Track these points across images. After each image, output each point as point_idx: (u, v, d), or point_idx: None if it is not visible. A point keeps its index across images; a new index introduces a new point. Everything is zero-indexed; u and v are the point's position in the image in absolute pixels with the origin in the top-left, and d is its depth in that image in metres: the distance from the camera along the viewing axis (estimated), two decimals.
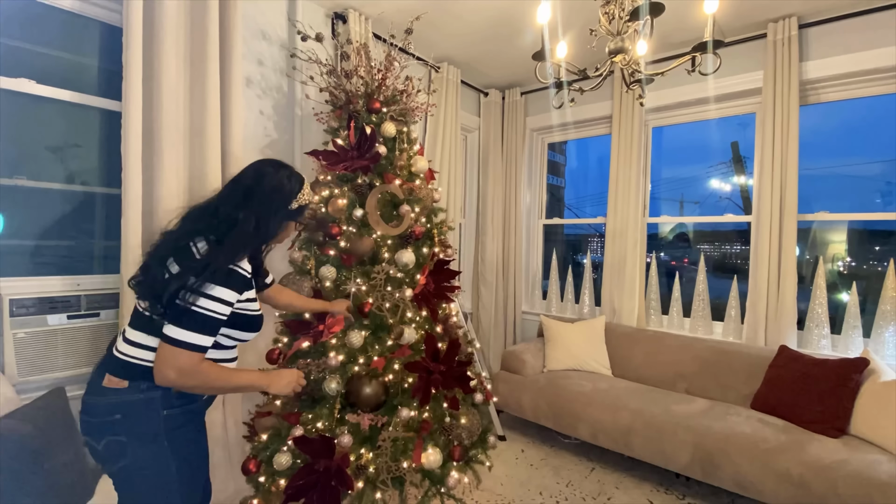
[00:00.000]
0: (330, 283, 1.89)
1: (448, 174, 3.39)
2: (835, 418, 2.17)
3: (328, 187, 2.00)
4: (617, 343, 3.19)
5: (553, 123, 3.84)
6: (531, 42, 3.00)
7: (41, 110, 1.87)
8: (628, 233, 3.27)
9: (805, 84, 2.67)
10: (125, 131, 1.81)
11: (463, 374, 1.89)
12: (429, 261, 2.00)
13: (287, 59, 2.51)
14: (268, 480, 1.75)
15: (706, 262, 3.11)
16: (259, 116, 2.41)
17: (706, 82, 2.96)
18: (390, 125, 2.05)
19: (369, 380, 1.75)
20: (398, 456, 1.73)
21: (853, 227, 2.86)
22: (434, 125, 3.29)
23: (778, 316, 2.67)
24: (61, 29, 1.92)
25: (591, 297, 3.69)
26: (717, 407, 2.51)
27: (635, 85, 1.77)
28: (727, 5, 2.52)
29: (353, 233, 1.93)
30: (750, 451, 2.13)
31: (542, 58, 1.70)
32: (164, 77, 1.89)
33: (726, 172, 3.39)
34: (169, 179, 1.92)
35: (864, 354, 2.29)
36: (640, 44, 1.57)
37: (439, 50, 3.18)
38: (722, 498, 2.43)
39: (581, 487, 2.52)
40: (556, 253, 3.95)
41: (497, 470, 2.68)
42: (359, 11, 2.64)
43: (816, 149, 2.82)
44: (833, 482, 1.90)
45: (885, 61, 2.44)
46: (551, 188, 4.24)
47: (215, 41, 2.05)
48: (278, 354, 1.88)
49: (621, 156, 3.31)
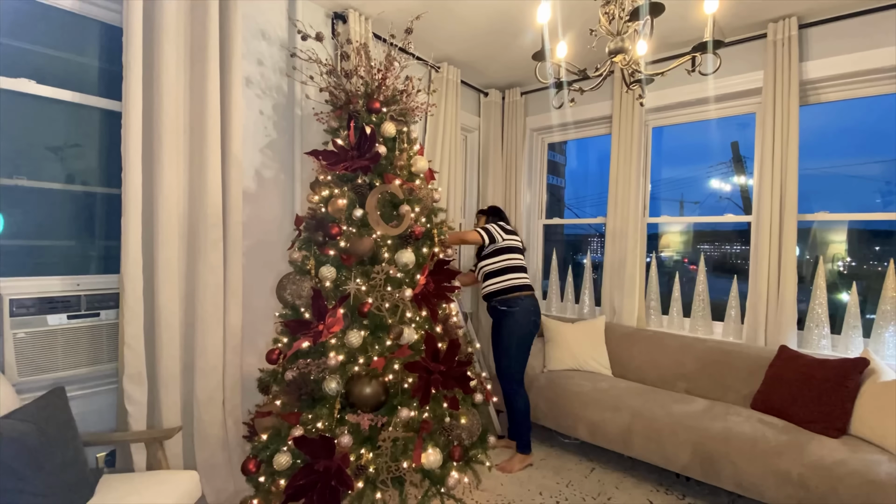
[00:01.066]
0: (330, 283, 1.89)
1: (448, 174, 3.39)
2: (835, 418, 2.17)
3: (328, 187, 2.01)
4: (617, 343, 3.19)
5: (553, 123, 3.84)
6: (531, 42, 3.00)
7: (41, 110, 1.87)
8: (628, 233, 3.27)
9: (805, 84, 2.67)
10: (125, 131, 1.81)
11: (463, 374, 1.89)
12: (428, 261, 2.00)
13: (287, 58, 2.51)
14: (268, 480, 1.75)
15: (706, 262, 3.12)
16: (259, 116, 2.41)
17: (706, 82, 2.96)
18: (390, 125, 2.05)
19: (369, 380, 1.75)
20: (398, 456, 1.73)
21: (853, 227, 2.85)
22: (434, 125, 3.29)
23: (778, 316, 2.67)
24: (61, 29, 1.92)
25: (591, 298, 3.69)
26: (717, 407, 2.51)
27: (635, 85, 1.77)
28: (727, 5, 2.52)
29: (353, 233, 1.93)
30: (750, 451, 2.12)
31: (542, 58, 1.70)
32: (164, 77, 1.89)
33: (726, 172, 3.39)
34: (169, 179, 1.92)
35: (864, 354, 2.29)
36: (640, 44, 1.57)
37: (439, 50, 3.18)
38: (722, 498, 2.43)
39: (581, 487, 2.52)
40: (556, 253, 3.95)
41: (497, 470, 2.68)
42: (359, 11, 2.64)
43: (816, 149, 2.82)
44: (833, 482, 1.90)
45: (885, 61, 2.44)
46: (551, 188, 4.24)
47: (215, 41, 2.05)
48: (278, 354, 1.88)
49: (621, 156, 3.31)
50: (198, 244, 2.06)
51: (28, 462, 1.32)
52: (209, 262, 2.06)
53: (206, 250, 2.05)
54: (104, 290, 1.95)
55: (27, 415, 1.43)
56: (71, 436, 1.52)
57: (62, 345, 1.82)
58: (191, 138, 2.05)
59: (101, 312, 1.93)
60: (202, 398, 2.07)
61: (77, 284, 1.90)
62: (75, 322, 1.86)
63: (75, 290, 1.88)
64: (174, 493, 1.58)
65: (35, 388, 1.74)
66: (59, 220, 1.94)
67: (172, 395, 1.98)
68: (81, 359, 1.87)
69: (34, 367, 1.74)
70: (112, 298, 1.96)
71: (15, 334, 1.70)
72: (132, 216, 1.82)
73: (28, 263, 1.85)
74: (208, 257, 2.06)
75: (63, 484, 1.40)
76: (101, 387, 1.95)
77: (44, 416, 1.46)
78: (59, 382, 1.77)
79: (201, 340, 2.06)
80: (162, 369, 1.94)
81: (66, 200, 1.96)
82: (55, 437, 1.45)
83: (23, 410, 1.45)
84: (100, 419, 1.94)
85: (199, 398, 2.06)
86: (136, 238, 1.84)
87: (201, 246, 2.05)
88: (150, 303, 1.93)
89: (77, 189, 1.98)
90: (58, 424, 1.49)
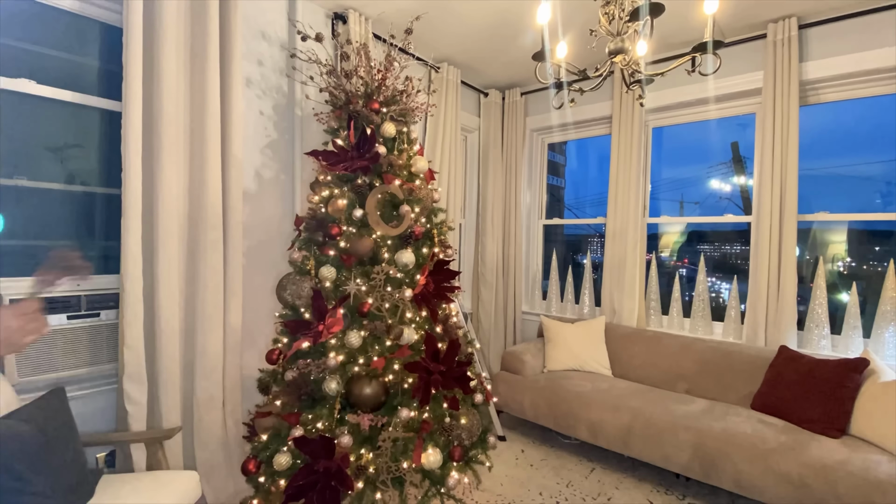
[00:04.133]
0: (330, 284, 1.89)
1: (448, 174, 3.39)
2: (835, 418, 2.17)
3: (328, 187, 2.01)
4: (617, 343, 3.19)
5: (553, 124, 3.84)
6: (531, 42, 3.00)
7: (41, 110, 1.87)
8: (628, 233, 3.27)
9: (805, 84, 2.67)
10: (125, 131, 1.81)
11: (463, 374, 1.89)
12: (429, 261, 2.00)
13: (287, 59, 2.51)
14: (268, 480, 1.75)
15: (706, 262, 3.12)
16: (259, 116, 2.41)
17: (706, 83, 2.96)
18: (390, 125, 2.05)
19: (369, 380, 1.75)
20: (398, 456, 1.73)
21: (853, 227, 2.85)
22: (434, 125, 3.29)
23: (778, 316, 2.66)
24: (61, 29, 1.92)
25: (591, 298, 3.69)
26: (717, 407, 2.51)
27: (635, 85, 1.77)
28: (727, 5, 2.52)
29: (353, 233, 1.93)
30: (750, 452, 2.12)
31: (542, 58, 1.70)
32: (164, 77, 1.89)
33: (726, 173, 3.39)
34: (169, 179, 1.92)
35: (864, 355, 2.29)
36: (640, 44, 1.57)
37: (439, 50, 3.18)
38: (722, 498, 2.43)
39: (581, 488, 2.52)
40: (556, 253, 3.95)
41: (497, 470, 2.68)
42: (359, 12, 2.64)
43: (816, 149, 2.82)
44: (833, 482, 1.90)
45: (885, 61, 2.44)
46: (551, 188, 4.23)
47: (215, 41, 2.05)
48: (278, 354, 1.88)
49: (621, 156, 3.31)
50: (198, 244, 2.06)
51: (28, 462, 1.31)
52: (209, 262, 2.06)
53: (206, 250, 2.05)
54: (104, 290, 1.95)
55: (27, 415, 1.43)
56: (71, 436, 1.52)
57: (62, 345, 1.82)
58: (191, 138, 2.04)
59: (101, 313, 1.93)
60: (202, 398, 2.07)
61: (77, 284, 1.90)
62: (75, 322, 1.86)
63: (75, 290, 1.87)
64: (174, 493, 1.58)
65: (35, 388, 1.74)
66: (59, 221, 1.94)
67: (172, 395, 1.98)
68: (81, 359, 1.87)
69: (34, 367, 1.74)
70: (112, 299, 1.95)
71: None
72: (132, 216, 1.82)
73: (28, 263, 1.85)
74: (208, 257, 2.06)
75: (63, 484, 1.39)
76: (101, 387, 1.95)
77: (44, 416, 1.46)
78: (59, 383, 1.77)
79: (201, 340, 2.06)
80: (162, 369, 1.94)
81: (65, 200, 1.95)
82: (55, 438, 1.44)
83: (23, 411, 1.45)
84: (100, 419, 1.94)
85: (199, 398, 2.06)
86: (136, 238, 1.84)
87: (201, 246, 2.05)
88: (150, 303, 1.93)
89: (77, 189, 1.98)
90: (58, 425, 1.49)
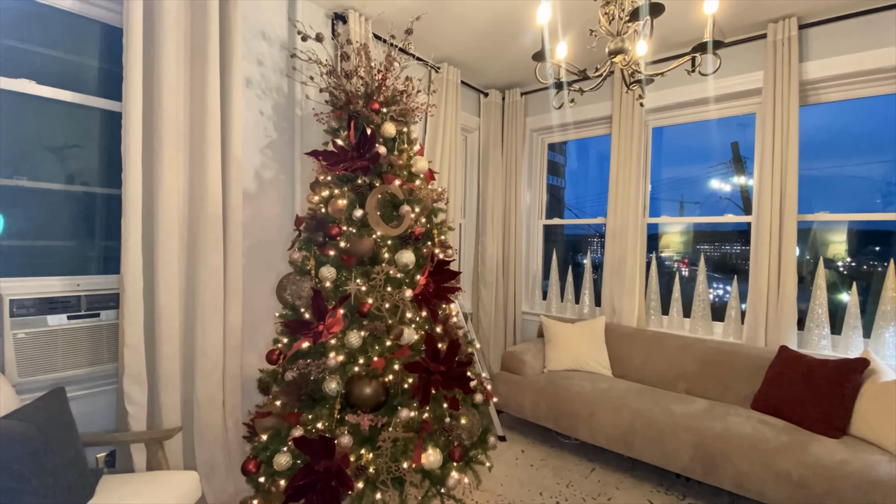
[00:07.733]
0: (330, 284, 1.89)
1: (448, 174, 3.39)
2: (835, 419, 2.17)
3: (328, 188, 2.01)
4: (617, 343, 3.19)
5: (553, 124, 3.84)
6: (531, 42, 3.00)
7: (41, 110, 1.87)
8: (628, 233, 3.27)
9: (805, 84, 2.67)
10: (125, 131, 1.81)
11: (463, 374, 1.89)
12: (429, 261, 2.00)
13: (287, 59, 2.51)
14: (268, 481, 1.75)
15: (706, 262, 3.11)
16: (259, 117, 2.41)
17: (706, 82, 2.96)
18: (390, 125, 2.05)
19: (369, 380, 1.75)
20: (398, 456, 1.73)
21: (853, 227, 2.85)
22: (434, 125, 3.29)
23: (778, 316, 2.66)
24: (61, 29, 1.92)
25: (591, 298, 3.69)
26: (717, 407, 2.51)
27: (635, 85, 1.77)
28: (727, 5, 2.52)
29: (353, 233, 1.93)
30: (750, 452, 2.12)
31: (542, 58, 1.70)
32: (164, 77, 1.89)
33: (726, 173, 3.39)
34: (169, 179, 1.92)
35: (864, 355, 2.29)
36: (640, 44, 1.57)
37: (439, 50, 3.18)
38: (722, 498, 2.42)
39: (581, 488, 2.52)
40: (556, 253, 3.95)
41: (497, 470, 2.68)
42: (359, 12, 2.64)
43: (816, 149, 2.82)
44: (833, 483, 1.90)
45: (885, 61, 2.44)
46: (551, 188, 4.23)
47: (215, 41, 2.05)
48: (278, 354, 1.88)
49: (621, 156, 3.31)
50: (198, 244, 2.06)
51: (28, 463, 1.31)
52: (209, 262, 2.06)
53: (206, 250, 2.05)
54: (104, 290, 1.95)
55: (27, 415, 1.43)
56: (71, 436, 1.52)
57: (62, 345, 1.82)
58: (191, 139, 2.05)
59: (101, 313, 1.93)
60: (202, 398, 2.07)
61: (77, 285, 1.90)
62: (75, 322, 1.86)
63: (75, 291, 1.88)
64: (174, 493, 1.58)
65: (35, 388, 1.74)
66: (59, 221, 1.94)
67: (172, 395, 1.98)
68: (81, 359, 1.87)
69: (34, 367, 1.74)
70: (112, 299, 1.95)
71: (15, 335, 1.70)
72: (132, 216, 1.82)
73: (28, 263, 1.85)
74: (208, 257, 2.06)
75: (63, 484, 1.39)
76: (101, 387, 1.95)
77: (44, 416, 1.46)
78: (59, 383, 1.77)
79: (201, 341, 2.06)
80: (162, 369, 1.94)
81: (66, 201, 1.96)
82: (55, 438, 1.45)
83: (23, 411, 1.45)
84: (100, 419, 1.94)
85: (199, 398, 2.06)
86: (136, 238, 1.84)
87: (201, 246, 2.05)
88: (150, 303, 1.93)
89: (77, 189, 1.98)
90: (58, 425, 1.49)
